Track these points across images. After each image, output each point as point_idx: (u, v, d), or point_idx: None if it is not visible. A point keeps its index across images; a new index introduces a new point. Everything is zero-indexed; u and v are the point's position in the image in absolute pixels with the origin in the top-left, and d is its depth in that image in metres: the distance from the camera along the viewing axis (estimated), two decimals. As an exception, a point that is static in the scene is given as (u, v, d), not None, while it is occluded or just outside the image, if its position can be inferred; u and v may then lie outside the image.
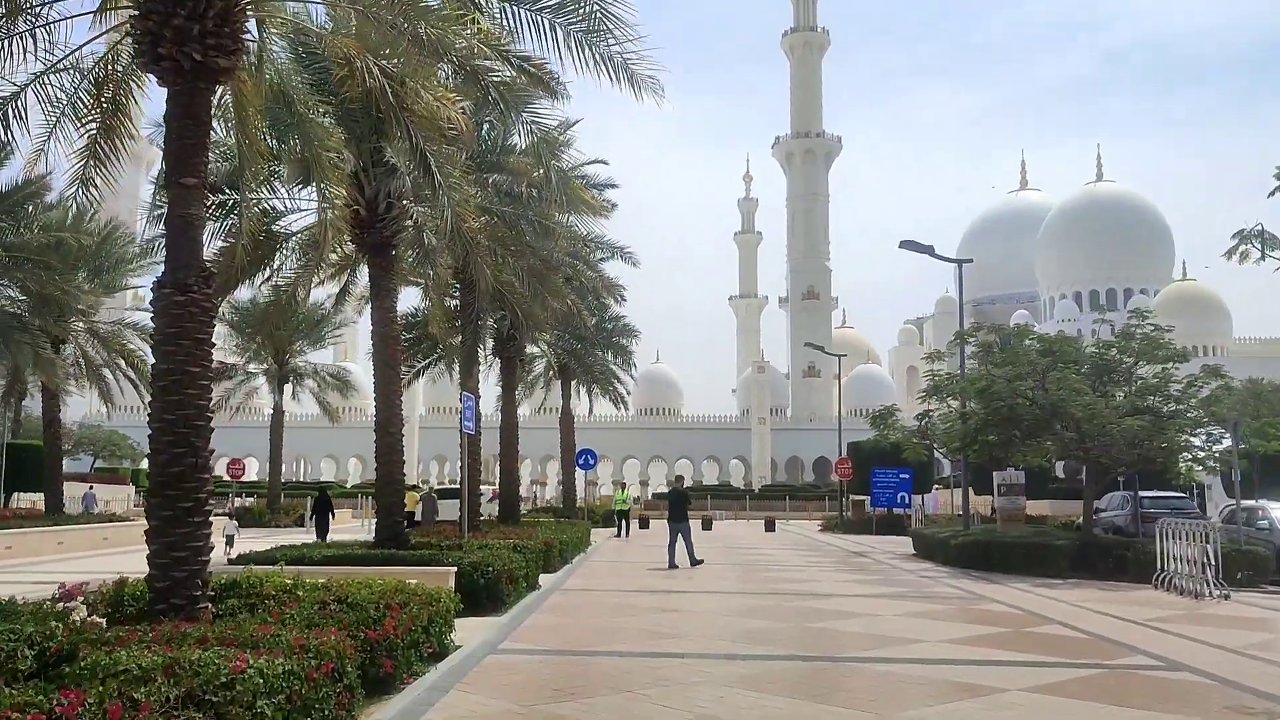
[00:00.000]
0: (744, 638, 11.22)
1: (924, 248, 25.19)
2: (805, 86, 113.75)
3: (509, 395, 27.59)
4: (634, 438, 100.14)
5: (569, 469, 42.04)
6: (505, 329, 25.59)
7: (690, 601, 14.88)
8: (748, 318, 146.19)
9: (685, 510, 22.16)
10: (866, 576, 19.83)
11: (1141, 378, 21.96)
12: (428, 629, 9.04)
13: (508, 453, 27.47)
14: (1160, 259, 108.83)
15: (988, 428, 21.96)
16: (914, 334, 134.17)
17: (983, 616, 13.48)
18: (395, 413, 15.28)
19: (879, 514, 41.22)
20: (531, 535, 20.35)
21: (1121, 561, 19.64)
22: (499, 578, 13.03)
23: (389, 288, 15.24)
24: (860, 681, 8.72)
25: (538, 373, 41.95)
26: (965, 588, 17.51)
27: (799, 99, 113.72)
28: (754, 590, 16.84)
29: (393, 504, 14.92)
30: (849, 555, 26.71)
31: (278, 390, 43.42)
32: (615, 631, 11.67)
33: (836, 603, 14.96)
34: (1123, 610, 14.38)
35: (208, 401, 8.48)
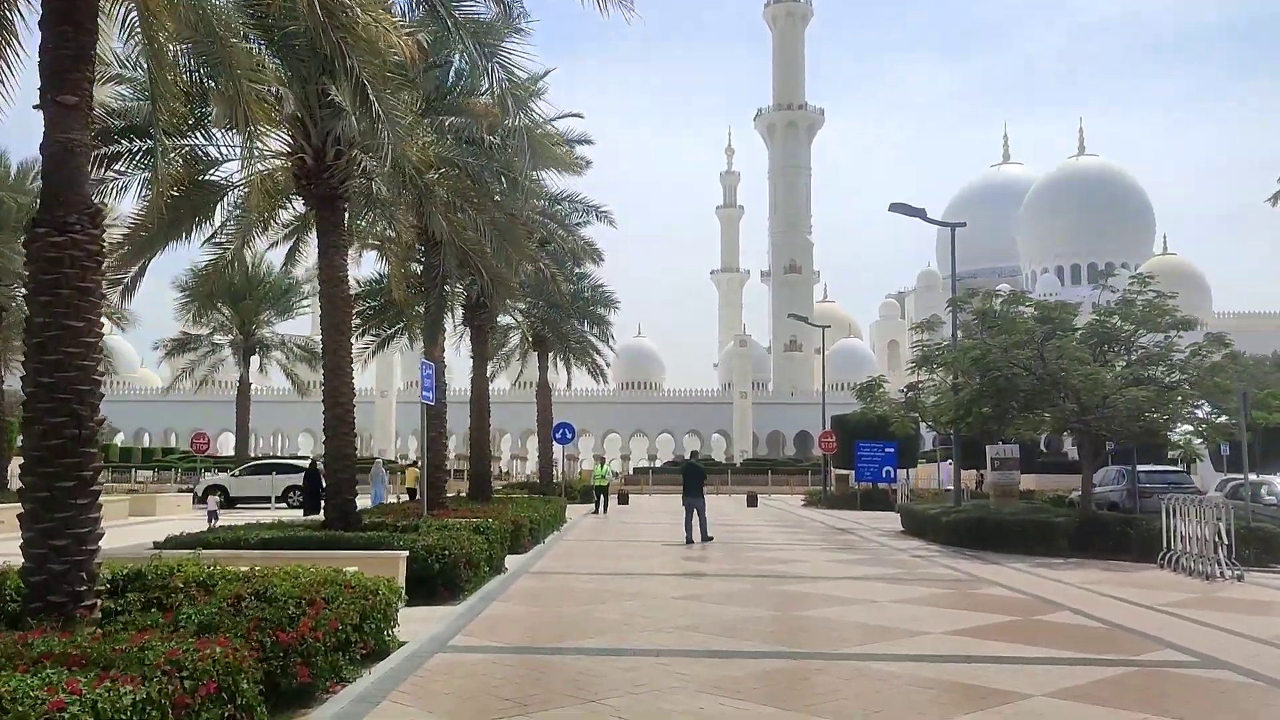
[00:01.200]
0: (727, 629, 10.05)
1: (915, 210, 24.00)
2: (787, 58, 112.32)
3: (480, 366, 26.28)
4: (615, 412, 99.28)
5: (546, 443, 40.80)
6: (475, 295, 24.25)
7: (669, 586, 13.71)
8: (729, 292, 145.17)
9: (701, 484, 21.39)
10: (855, 556, 18.74)
11: (1143, 347, 20.88)
12: (361, 626, 7.81)
13: (479, 426, 26.19)
14: (1141, 232, 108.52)
15: (982, 399, 20.83)
16: (895, 308, 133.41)
17: (986, 602, 12.37)
18: (345, 381, 13.98)
19: (863, 488, 40.26)
20: (500, 513, 19.14)
21: (1123, 540, 18.62)
22: (456, 562, 11.81)
23: (338, 244, 13.90)
24: (860, 686, 7.55)
25: (513, 344, 40.63)
26: (962, 569, 16.42)
27: (781, 71, 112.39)
28: (737, 572, 15.69)
29: (343, 481, 13.64)
30: (835, 532, 25.65)
31: (243, 362, 41.98)
32: (583, 622, 10.48)
33: (826, 586, 13.82)
34: (1134, 594, 13.31)
35: (94, 362, 7.18)
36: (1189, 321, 19.58)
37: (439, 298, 20.43)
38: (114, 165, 12.94)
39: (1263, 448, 30.08)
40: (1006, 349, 20.61)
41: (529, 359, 42.14)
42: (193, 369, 43.41)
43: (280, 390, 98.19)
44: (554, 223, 23.16)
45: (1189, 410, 18.89)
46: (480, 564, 12.91)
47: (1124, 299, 20.91)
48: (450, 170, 14.89)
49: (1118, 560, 17.92)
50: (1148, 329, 20.66)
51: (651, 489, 60.73)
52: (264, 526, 13.15)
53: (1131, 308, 20.53)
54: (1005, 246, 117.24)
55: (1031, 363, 20.40)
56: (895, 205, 23.92)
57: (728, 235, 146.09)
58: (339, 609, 7.43)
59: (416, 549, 11.65)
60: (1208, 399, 18.71)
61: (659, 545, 20.68)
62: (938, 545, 20.97)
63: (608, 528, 26.66)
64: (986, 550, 19.49)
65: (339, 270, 13.96)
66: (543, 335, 34.93)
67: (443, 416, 20.66)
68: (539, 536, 20.14)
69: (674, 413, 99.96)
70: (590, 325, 35.23)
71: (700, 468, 22.43)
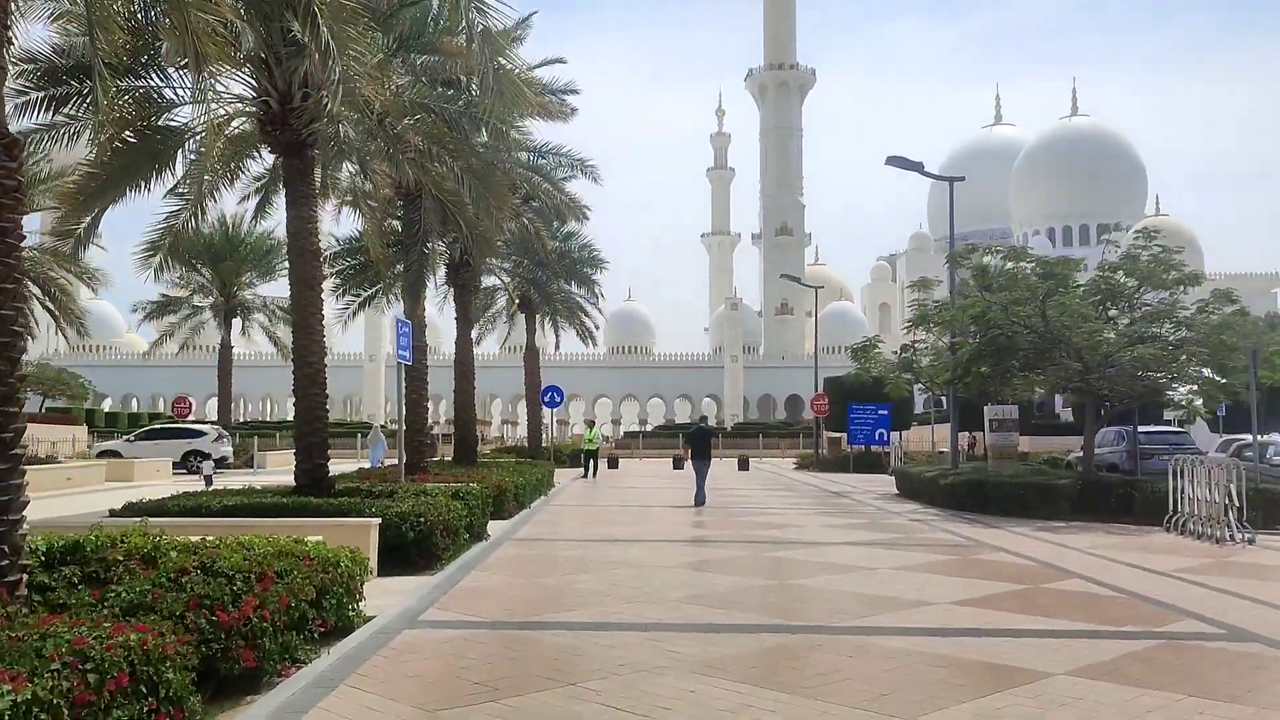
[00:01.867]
0: (721, 600, 9.40)
1: (913, 164, 23.20)
2: (779, 16, 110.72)
3: (464, 327, 25.50)
4: (606, 376, 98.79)
5: (534, 407, 40.16)
6: (458, 254, 23.43)
7: (658, 553, 13.06)
8: (720, 255, 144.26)
9: (708, 448, 21.58)
10: (851, 520, 18.14)
11: (1146, 304, 20.21)
12: (320, 602, 7.14)
13: (463, 389, 25.47)
14: (1134, 194, 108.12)
15: (981, 358, 20.16)
16: (887, 271, 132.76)
17: (992, 569, 11.75)
18: (315, 339, 13.22)
19: (856, 451, 39.72)
20: (484, 478, 18.49)
21: (1126, 502, 18.06)
22: (432, 530, 11.13)
23: (306, 194, 13.07)
24: (865, 665, 6.91)
25: (499, 306, 39.88)
26: (962, 533, 15.82)
27: (772, 29, 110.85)
28: (730, 538, 15.06)
29: (314, 444, 12.92)
30: (829, 496, 25.08)
31: (224, 325, 41.06)
32: (567, 594, 9.82)
33: (823, 553, 13.20)
34: (1144, 559, 12.72)
35: (15, 313, 6.42)
36: (1195, 277, 18.91)
37: (419, 255, 19.65)
38: (63, 108, 12.09)
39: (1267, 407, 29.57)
40: (1007, 306, 19.93)
41: (517, 322, 41.40)
42: (173, 332, 42.49)
43: (269, 355, 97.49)
44: (539, 176, 22.22)
45: (1196, 369, 18.23)
46: (459, 531, 12.24)
47: (1128, 254, 20.22)
48: (425, 117, 14.03)
49: (1121, 523, 17.37)
50: (1151, 285, 19.99)
51: (642, 453, 60.20)
52: (231, 493, 12.43)
53: (1136, 263, 19.84)
54: (997, 209, 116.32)
55: (1032, 320, 19.74)
56: (892, 158, 23.11)
57: (718, 198, 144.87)
58: (293, 583, 6.74)
59: (389, 516, 10.97)
60: (1215, 357, 18.04)
61: (649, 510, 20.07)
62: (935, 509, 20.39)
63: (596, 493, 26.04)
64: (985, 513, 18.93)
65: (308, 222, 13.14)
66: (529, 296, 34.11)
67: (423, 378, 19.94)
68: (525, 502, 19.50)
69: (665, 377, 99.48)
70: (578, 285, 34.39)
71: (709, 430, 22.33)
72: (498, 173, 15.05)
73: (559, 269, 28.19)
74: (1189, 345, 18.18)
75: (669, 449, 58.19)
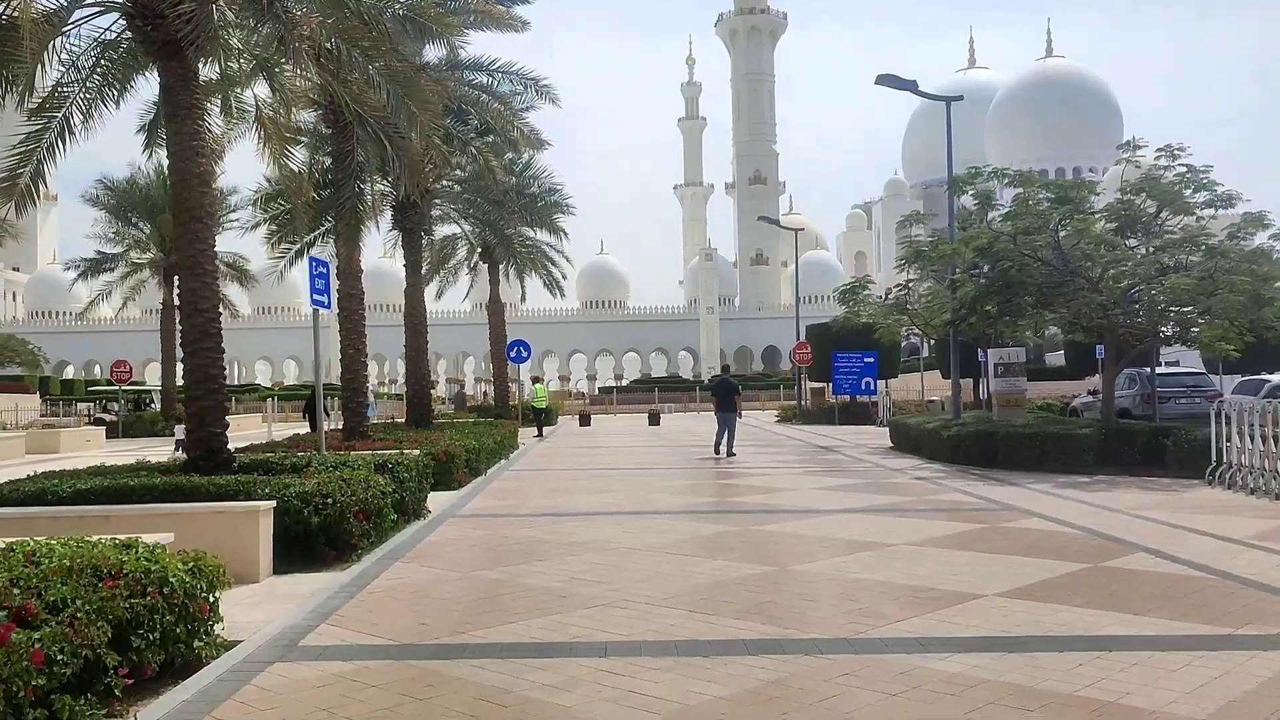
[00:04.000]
0: (704, 601, 7.24)
1: (906, 83, 20.90)
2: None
3: (413, 275, 23.09)
4: (580, 331, 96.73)
5: (500, 363, 37.84)
6: (403, 194, 20.97)
7: (629, 530, 10.90)
8: (693, 206, 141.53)
9: (734, 399, 21.06)
10: (849, 480, 16.05)
11: (1170, 231, 18.10)
12: (125, 639, 4.92)
13: (414, 344, 23.12)
14: (1110, 136, 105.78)
15: (989, 295, 18.02)
16: (862, 219, 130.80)
17: (1032, 542, 9.66)
18: (206, 282, 10.88)
19: (841, 402, 37.74)
20: (433, 442, 16.28)
21: (1154, 452, 16.08)
22: (343, 514, 8.90)
23: (188, 104, 10.64)
24: (919, 710, 4.77)
25: (460, 257, 37.39)
26: (979, 494, 13.76)
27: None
28: (714, 508, 12.93)
29: (207, 409, 10.60)
30: (817, 451, 23.03)
31: (165, 284, 38.30)
32: (509, 595, 7.63)
33: (824, 525, 11.07)
34: (1208, 523, 10.67)
35: None
36: (1229, 197, 16.76)
37: (353, 193, 17.21)
38: None
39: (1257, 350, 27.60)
40: (1016, 235, 17.80)
41: (481, 274, 38.92)
42: (110, 291, 39.76)
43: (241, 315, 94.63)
44: (486, 94, 19.58)
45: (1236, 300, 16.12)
46: (384, 512, 10.02)
47: (1147, 175, 18.05)
48: (337, 12, 11.56)
49: (1152, 476, 15.39)
50: (1174, 210, 17.85)
51: (616, 409, 58.15)
52: (94, 472, 10.03)
53: (1157, 185, 17.69)
54: (973, 153, 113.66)
55: (1043, 251, 17.65)
56: (883, 77, 20.77)
57: (690, 148, 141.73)
58: (72, 621, 4.51)
59: (289, 498, 8.72)
60: (1253, 287, 15.98)
61: (621, 475, 17.93)
62: (938, 464, 18.36)
63: (563, 455, 23.87)
64: (996, 468, 16.91)
65: (191, 139, 10.72)
66: (490, 245, 31.59)
67: (360, 330, 17.57)
68: (480, 468, 17.29)
69: (640, 330, 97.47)
70: (542, 231, 31.84)
71: (732, 381, 21.84)
72: (423, 79, 12.54)
73: (518, 209, 25.68)
74: (1225, 274, 16.08)
75: (645, 404, 56.15)
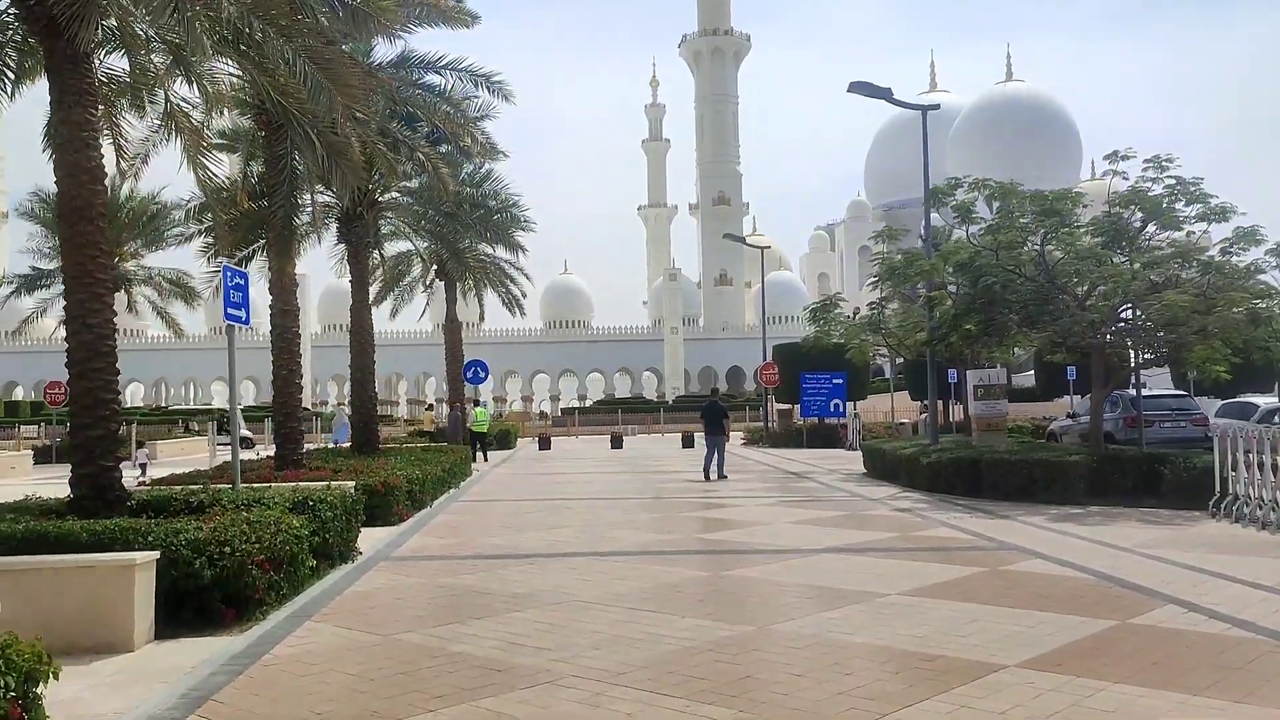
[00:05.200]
0: (669, 679, 5.94)
1: (880, 91, 19.90)
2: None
3: (359, 292, 21.65)
4: (542, 352, 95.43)
5: (456, 383, 36.32)
6: (346, 203, 19.63)
7: (582, 576, 9.60)
8: (657, 228, 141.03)
9: (721, 423, 21.49)
10: (825, 513, 14.85)
11: (1159, 246, 17.16)
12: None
13: (360, 364, 21.68)
14: (1069, 158, 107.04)
15: (970, 313, 16.95)
16: (825, 240, 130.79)
17: (1043, 590, 8.48)
18: (99, 294, 9.46)
19: (809, 424, 36.64)
20: (375, 471, 14.92)
21: (1150, 480, 15.00)
22: (242, 566, 7.53)
23: (78, 89, 9.28)
24: None
25: (415, 275, 35.89)
26: (970, 529, 12.59)
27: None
28: (679, 545, 11.65)
29: (95, 440, 9.17)
30: (788, 478, 21.83)
31: (103, 301, 36.46)
32: (427, 673, 6.28)
33: (804, 568, 9.84)
34: (1232, 565, 9.52)
35: None
36: (1224, 210, 15.83)
37: (287, 200, 15.85)
38: None
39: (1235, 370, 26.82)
40: (998, 250, 16.78)
41: (437, 291, 37.48)
42: (45, 309, 37.80)
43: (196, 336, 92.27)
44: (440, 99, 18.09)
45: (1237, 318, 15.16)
46: (299, 559, 8.65)
47: (1134, 188, 17.09)
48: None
49: (1149, 508, 14.32)
50: (1162, 224, 16.90)
51: (579, 430, 56.77)
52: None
53: (1145, 197, 16.73)
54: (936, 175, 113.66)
55: (1026, 267, 16.64)
56: (856, 84, 19.77)
57: (654, 170, 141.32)
58: None
59: (177, 547, 7.35)
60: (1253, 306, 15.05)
61: (579, 505, 16.62)
62: (918, 493, 17.21)
63: (517, 482, 22.49)
64: (981, 498, 15.80)
65: (81, 129, 9.35)
66: (445, 261, 30.16)
67: (294, 350, 16.15)
68: (425, 500, 15.89)
69: (603, 351, 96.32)
70: (499, 246, 30.39)
71: (721, 405, 22.28)
72: (347, 61, 11.18)
73: (472, 222, 24.23)
74: (1223, 291, 15.12)
75: (608, 425, 54.81)
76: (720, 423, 21.31)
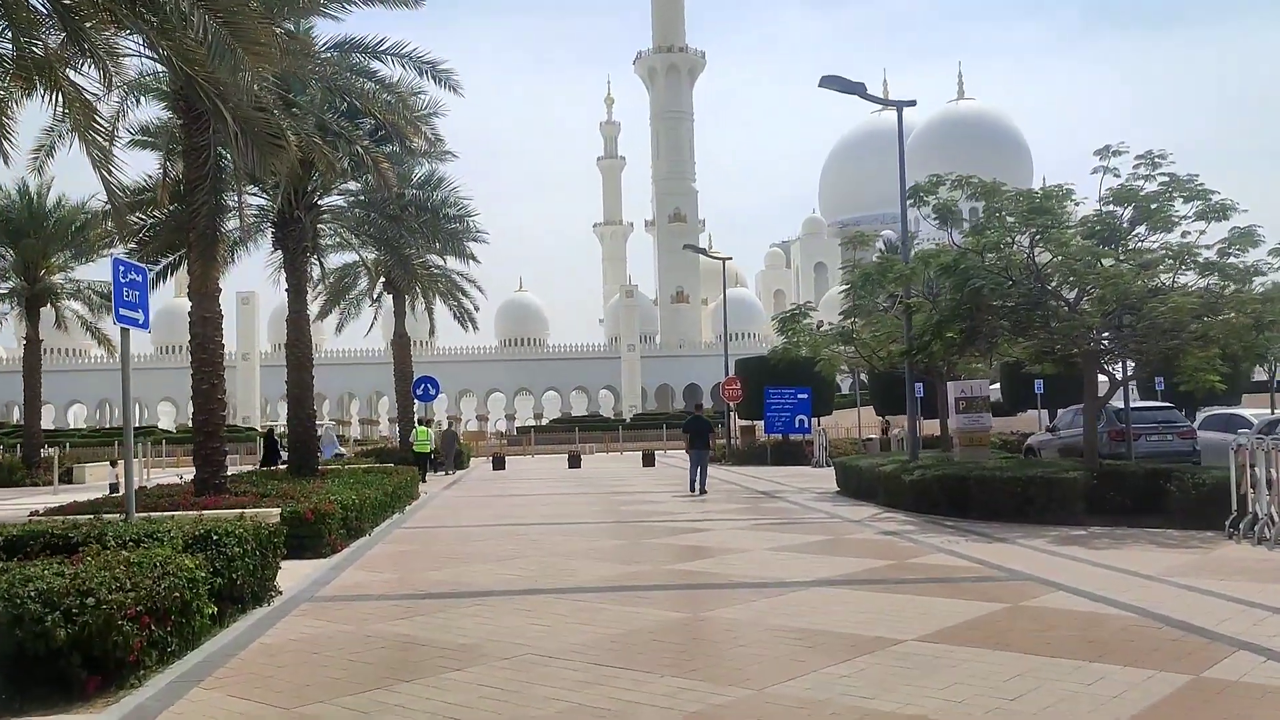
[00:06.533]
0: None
1: (853, 85, 18.77)
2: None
3: (296, 302, 20.08)
4: (498, 370, 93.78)
5: (405, 401, 34.74)
6: (280, 203, 18.08)
7: (538, 620, 8.17)
8: (613, 245, 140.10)
9: (706, 437, 21.83)
10: (805, 536, 13.53)
11: (1148, 248, 16.12)
12: None
13: (298, 379, 20.08)
14: (1021, 174, 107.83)
15: (954, 320, 15.78)
16: (780, 257, 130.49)
17: (1090, 634, 7.19)
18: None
19: (773, 441, 35.43)
20: (307, 496, 13.39)
21: (1153, 498, 13.92)
22: (111, 620, 5.99)
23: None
24: None
25: (361, 288, 34.23)
26: (970, 555, 11.32)
27: (660, 11, 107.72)
28: (647, 581, 10.21)
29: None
30: (758, 498, 20.51)
31: (27, 316, 34.40)
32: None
33: (795, 604, 8.48)
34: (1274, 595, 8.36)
35: None
36: (1224, 207, 14.81)
37: (209, 197, 14.29)
38: None
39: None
40: (984, 251, 15.65)
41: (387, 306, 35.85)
42: (-40, 325, 35.60)
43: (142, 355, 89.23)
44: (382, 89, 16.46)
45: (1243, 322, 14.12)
46: (195, 607, 7.13)
47: (1123, 187, 16.03)
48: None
49: (1154, 527, 13.21)
50: (1153, 224, 15.84)
51: (535, 449, 55.16)
52: None
53: (1136, 196, 15.70)
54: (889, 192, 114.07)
55: (1017, 271, 15.53)
56: (828, 79, 18.62)
57: (610, 187, 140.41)
58: None
59: (22, 600, 5.81)
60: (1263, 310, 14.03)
61: (534, 532, 15.14)
62: (901, 513, 15.97)
63: (469, 505, 20.94)
64: (969, 518, 14.58)
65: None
66: (392, 273, 28.53)
67: (215, 362, 14.53)
68: (363, 527, 14.32)
69: (560, 369, 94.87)
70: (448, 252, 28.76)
71: (705, 420, 22.56)
72: (254, 16, 9.57)
73: (419, 227, 22.62)
74: (1229, 294, 14.08)
75: (565, 444, 53.27)
76: (705, 437, 21.66)
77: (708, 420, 22.73)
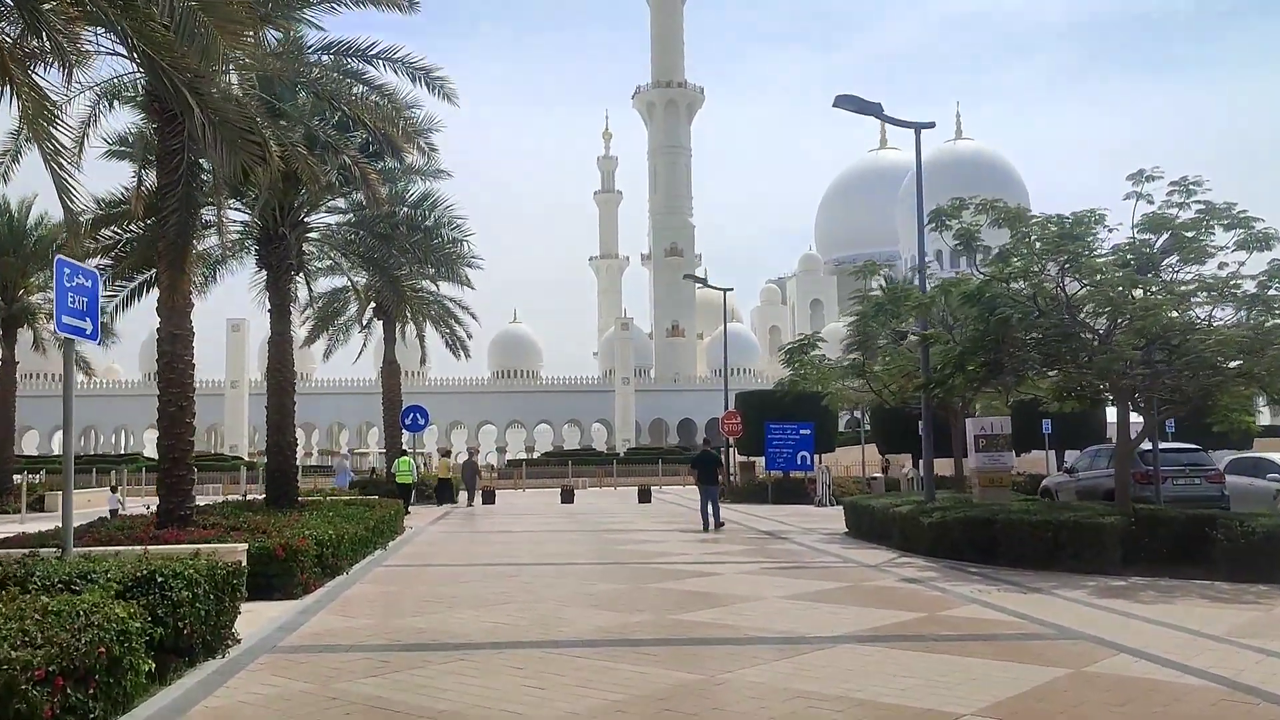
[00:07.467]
0: None
1: (869, 105, 17.90)
2: (666, 33, 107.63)
3: (279, 323, 19.04)
4: (490, 401, 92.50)
5: (393, 430, 33.58)
6: (258, 215, 17.11)
7: (527, 679, 7.10)
8: (609, 279, 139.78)
9: (716, 472, 21.92)
10: (820, 584, 12.44)
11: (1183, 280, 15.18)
12: None
13: (278, 404, 19.01)
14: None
15: (978, 351, 14.80)
16: (776, 293, 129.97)
17: (1178, 711, 6.14)
18: None
19: (773, 478, 34.32)
20: (279, 530, 12.30)
21: (1194, 546, 12.87)
22: (11, 686, 4.93)
23: None
24: None
25: (351, 314, 33.21)
26: (1007, 608, 10.24)
27: (660, 47, 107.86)
28: (650, 634, 9.11)
29: None
30: (763, 539, 19.40)
31: (3, 338, 33.25)
32: None
33: (822, 667, 7.41)
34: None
35: None
36: (1268, 236, 13.90)
37: (182, 204, 13.28)
38: None
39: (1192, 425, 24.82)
40: (1009, 280, 14.72)
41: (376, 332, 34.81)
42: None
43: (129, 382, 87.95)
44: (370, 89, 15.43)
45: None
46: (127, 664, 6.05)
47: (1155, 215, 15.12)
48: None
49: (1198, 579, 12.17)
50: (1185, 255, 14.90)
51: (526, 483, 53.91)
52: None
53: (1170, 224, 14.80)
54: (886, 231, 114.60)
55: (1045, 299, 14.59)
56: (842, 98, 17.76)
57: (606, 221, 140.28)
58: None
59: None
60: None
61: (524, 573, 14.03)
62: (919, 558, 14.89)
63: (455, 542, 19.80)
64: (996, 564, 13.52)
65: None
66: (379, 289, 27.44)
67: (184, 383, 13.44)
68: (341, 564, 13.21)
69: (553, 401, 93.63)
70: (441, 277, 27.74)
71: (715, 455, 22.60)
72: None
73: (410, 246, 21.55)
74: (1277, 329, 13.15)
75: (557, 478, 52.09)
76: (714, 472, 21.75)
77: (717, 455, 22.68)
